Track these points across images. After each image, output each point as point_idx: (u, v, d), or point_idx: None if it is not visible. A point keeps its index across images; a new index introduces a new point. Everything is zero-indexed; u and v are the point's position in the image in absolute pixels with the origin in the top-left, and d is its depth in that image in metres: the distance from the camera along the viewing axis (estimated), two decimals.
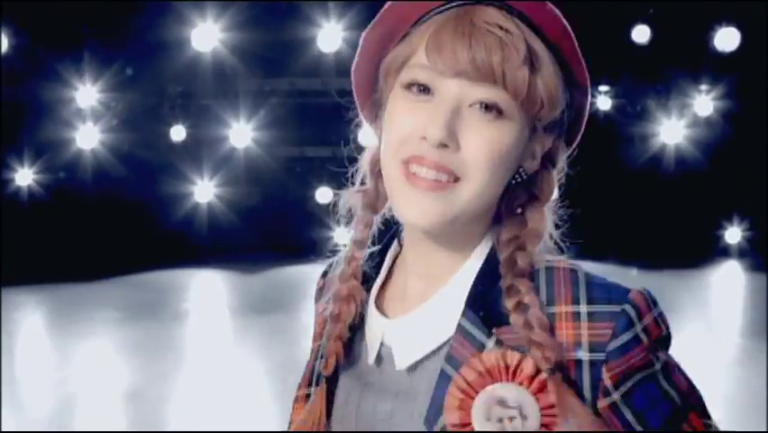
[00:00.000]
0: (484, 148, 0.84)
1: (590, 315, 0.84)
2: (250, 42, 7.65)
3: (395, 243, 0.97)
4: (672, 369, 0.86)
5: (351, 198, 0.96)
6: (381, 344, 0.90)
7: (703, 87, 8.19)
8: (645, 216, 8.17)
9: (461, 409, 0.81)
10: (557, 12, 0.90)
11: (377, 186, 0.94)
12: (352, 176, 0.97)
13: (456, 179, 0.85)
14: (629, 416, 0.83)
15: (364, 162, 0.96)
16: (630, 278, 7.73)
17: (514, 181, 0.91)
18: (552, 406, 0.80)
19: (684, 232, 8.13)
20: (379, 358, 0.90)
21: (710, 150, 8.13)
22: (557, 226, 0.95)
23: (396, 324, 0.90)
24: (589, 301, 0.85)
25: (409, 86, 0.87)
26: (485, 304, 0.86)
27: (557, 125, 0.91)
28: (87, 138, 7.89)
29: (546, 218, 0.93)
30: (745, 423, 4.21)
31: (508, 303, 0.85)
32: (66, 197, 7.79)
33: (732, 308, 7.22)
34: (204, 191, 8.16)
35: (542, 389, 0.81)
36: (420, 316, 0.89)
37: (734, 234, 8.71)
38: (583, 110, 0.95)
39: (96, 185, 7.84)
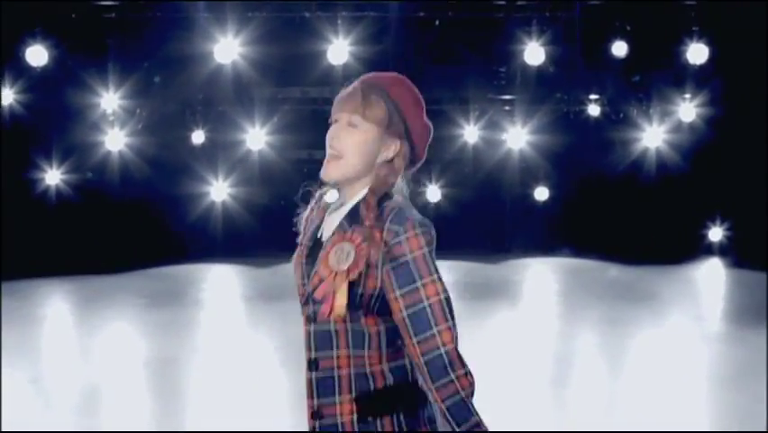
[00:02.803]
0: (350, 143, 1.70)
1: (387, 228, 1.64)
2: (265, 55, 8.05)
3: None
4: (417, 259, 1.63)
5: None
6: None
7: (687, 95, 8.55)
8: (636, 216, 8.49)
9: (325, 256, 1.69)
10: (407, 84, 1.74)
11: None
12: None
13: (339, 157, 1.70)
14: (393, 278, 1.62)
15: None
16: (615, 274, 8.07)
17: (380, 161, 1.73)
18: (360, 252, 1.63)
19: (671, 231, 8.44)
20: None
21: (694, 153, 8.47)
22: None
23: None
24: (390, 221, 1.65)
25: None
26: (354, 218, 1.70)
27: (398, 136, 1.73)
28: (114, 141, 8.30)
29: (396, 179, 1.74)
30: (724, 387, 4.64)
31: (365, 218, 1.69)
32: (92, 195, 8.19)
33: (713, 300, 7.56)
34: (219, 191, 8.54)
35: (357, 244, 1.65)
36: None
37: (716, 234, 9.01)
38: (419, 132, 1.76)
39: (121, 184, 8.25)
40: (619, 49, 8.09)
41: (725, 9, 7.75)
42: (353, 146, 1.68)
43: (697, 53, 7.99)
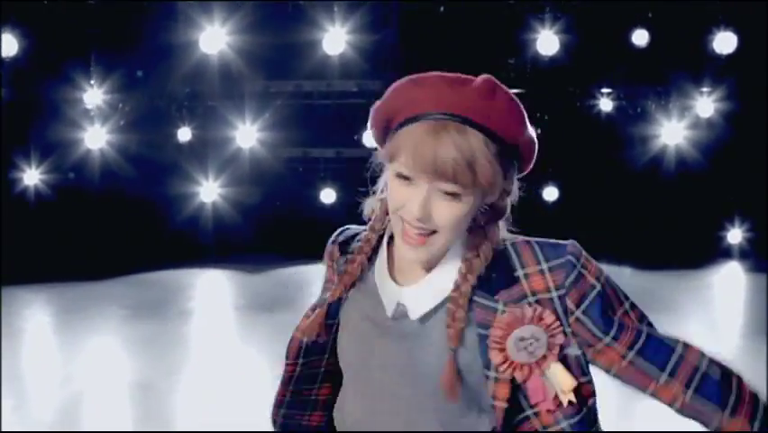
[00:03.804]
0: (449, 218, 1.29)
1: (549, 268, 1.35)
2: (256, 45, 7.79)
3: (386, 237, 1.42)
4: (606, 287, 1.35)
5: (373, 203, 1.42)
6: (398, 303, 1.35)
7: (705, 89, 8.29)
8: (648, 217, 8.25)
9: (501, 352, 1.31)
10: (518, 116, 1.34)
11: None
12: (372, 183, 1.42)
13: (433, 232, 1.29)
14: (589, 324, 1.33)
15: (383, 181, 1.38)
16: (626, 278, 7.81)
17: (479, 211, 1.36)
18: (549, 326, 1.31)
19: (688, 233, 8.21)
20: (396, 312, 1.35)
21: (712, 151, 8.21)
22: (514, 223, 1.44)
23: (409, 290, 1.35)
24: (546, 260, 1.35)
25: (398, 175, 1.29)
26: (488, 285, 1.33)
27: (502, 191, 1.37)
28: (95, 139, 7.99)
29: (501, 227, 1.40)
30: None
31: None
32: (73, 196, 7.90)
33: (733, 308, 7.30)
34: (209, 191, 8.27)
35: (541, 319, 1.31)
36: (425, 285, 1.35)
37: (735, 236, 8.77)
38: (528, 149, 1.41)
39: (102, 185, 7.96)
40: (640, 38, 7.80)
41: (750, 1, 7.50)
42: (454, 221, 1.31)
43: (724, 42, 7.67)
